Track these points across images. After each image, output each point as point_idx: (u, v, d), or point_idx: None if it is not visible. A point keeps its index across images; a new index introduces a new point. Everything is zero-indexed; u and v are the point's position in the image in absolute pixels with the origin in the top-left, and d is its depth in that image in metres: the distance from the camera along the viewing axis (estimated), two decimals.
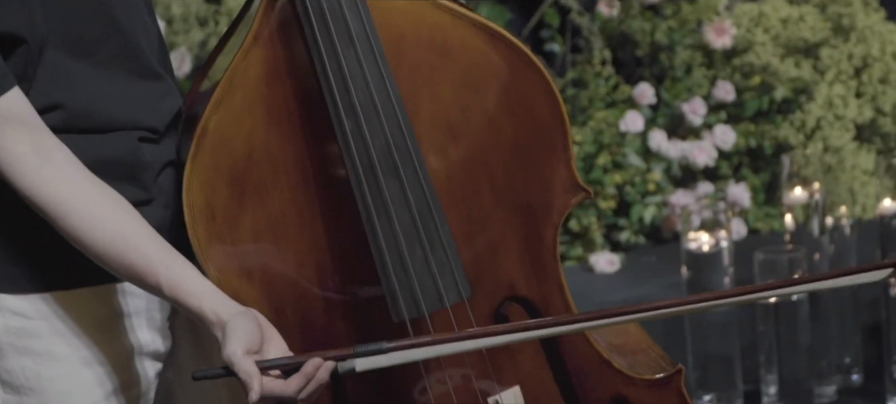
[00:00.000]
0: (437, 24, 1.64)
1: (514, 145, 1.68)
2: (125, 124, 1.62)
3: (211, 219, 1.59)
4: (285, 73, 1.60)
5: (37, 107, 1.56)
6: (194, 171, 1.58)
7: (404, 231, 1.61)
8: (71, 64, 1.58)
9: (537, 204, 1.70)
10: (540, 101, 1.68)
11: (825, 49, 3.78)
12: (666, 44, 3.78)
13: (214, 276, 1.58)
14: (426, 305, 1.61)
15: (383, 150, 1.60)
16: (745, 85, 3.78)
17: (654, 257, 3.61)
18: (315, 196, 1.62)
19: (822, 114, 3.71)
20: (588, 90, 3.76)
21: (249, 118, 1.60)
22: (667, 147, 3.68)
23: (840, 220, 3.23)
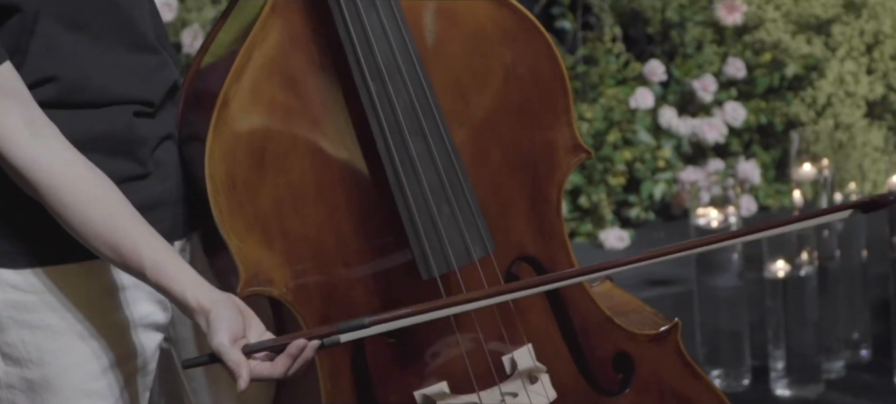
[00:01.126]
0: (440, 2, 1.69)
1: (519, 108, 1.73)
2: (120, 98, 1.62)
3: (232, 189, 1.60)
4: (302, 42, 1.63)
5: (30, 81, 1.57)
6: (216, 142, 1.59)
7: (432, 188, 1.64)
8: (64, 37, 1.58)
9: (542, 164, 1.74)
10: (542, 65, 1.73)
11: (837, 25, 3.77)
12: (677, 21, 3.78)
13: (236, 246, 1.60)
14: (455, 260, 1.65)
15: (408, 110, 1.64)
16: (756, 62, 3.78)
17: (664, 233, 3.62)
18: (335, 163, 1.65)
19: (833, 90, 3.71)
20: (599, 67, 3.76)
21: (269, 88, 1.62)
22: (677, 124, 3.69)
23: (849, 197, 3.23)
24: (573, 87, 3.77)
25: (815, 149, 3.24)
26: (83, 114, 1.61)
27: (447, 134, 1.66)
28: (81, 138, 1.59)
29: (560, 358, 1.75)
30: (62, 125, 1.59)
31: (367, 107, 1.63)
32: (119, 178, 1.62)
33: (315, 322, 1.66)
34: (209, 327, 1.52)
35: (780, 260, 3.09)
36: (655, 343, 1.79)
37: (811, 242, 3.08)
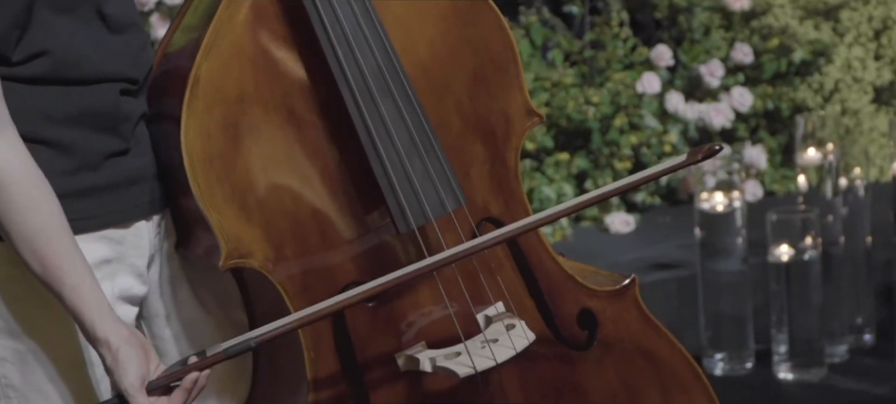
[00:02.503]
0: None
1: (474, 75, 1.82)
2: (108, 76, 1.65)
3: (209, 164, 1.64)
4: (269, 18, 1.69)
5: (26, 54, 1.59)
6: (190, 118, 1.64)
7: (404, 145, 1.72)
8: (55, 19, 1.60)
9: (499, 129, 1.84)
10: (493, 35, 1.83)
11: (845, 11, 3.77)
12: (684, 6, 3.79)
13: (216, 220, 1.64)
14: (431, 212, 1.73)
15: (375, 73, 1.71)
16: (764, 47, 3.79)
17: (669, 218, 3.63)
18: (306, 134, 1.70)
19: (840, 76, 3.71)
20: (606, 52, 3.77)
21: (237, 63, 1.67)
22: (684, 109, 3.69)
23: (854, 182, 3.23)
24: (580, 72, 3.77)
25: (821, 135, 3.24)
26: (74, 91, 1.64)
27: (414, 93, 1.74)
28: (72, 113, 1.62)
29: (529, 316, 1.81)
30: (53, 100, 1.62)
31: (336, 73, 1.69)
32: (103, 154, 1.66)
33: (296, 291, 1.69)
34: (117, 366, 1.57)
35: (783, 244, 3.10)
36: (616, 299, 1.86)
37: (815, 227, 3.09)
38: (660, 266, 3.34)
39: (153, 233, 1.72)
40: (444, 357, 1.73)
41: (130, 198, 1.68)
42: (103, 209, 1.66)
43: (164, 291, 1.76)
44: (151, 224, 1.72)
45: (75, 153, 1.64)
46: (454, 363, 1.72)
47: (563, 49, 3.79)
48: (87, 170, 1.65)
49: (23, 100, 1.61)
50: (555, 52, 3.78)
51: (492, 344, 1.74)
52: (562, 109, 3.63)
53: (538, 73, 3.71)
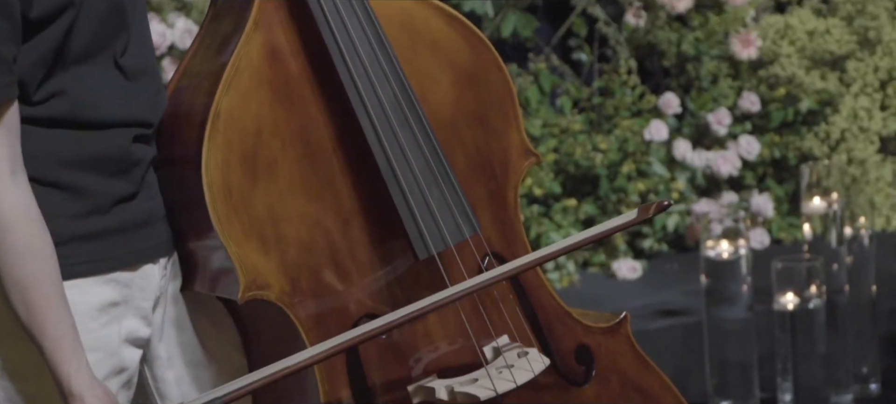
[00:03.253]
0: (405, 7, 1.84)
1: (476, 114, 1.87)
2: (123, 120, 1.68)
3: (228, 196, 1.68)
4: (286, 53, 1.74)
5: (47, 93, 1.63)
6: (211, 151, 1.67)
7: (422, 173, 1.77)
8: (75, 65, 1.64)
9: (499, 167, 1.89)
10: (493, 76, 1.89)
11: (851, 61, 3.80)
12: (692, 54, 3.82)
13: (234, 252, 1.67)
14: (450, 237, 1.78)
15: (393, 103, 1.76)
16: (771, 96, 3.81)
17: (677, 265, 3.65)
18: (322, 166, 1.75)
19: (846, 126, 3.74)
20: (614, 99, 3.80)
21: (256, 98, 1.71)
22: (691, 156, 3.71)
23: (859, 231, 3.25)
24: (589, 118, 3.80)
25: (826, 184, 3.26)
26: (88, 136, 1.67)
27: (429, 124, 1.78)
28: (85, 157, 1.66)
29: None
30: (68, 144, 1.65)
31: (356, 104, 1.74)
32: (114, 198, 1.69)
33: (310, 324, 1.73)
34: None
35: (789, 292, 3.11)
36: (609, 335, 1.91)
37: (820, 275, 3.10)
38: (666, 313, 3.35)
39: (159, 275, 1.75)
40: (460, 384, 1.77)
41: (139, 242, 1.71)
42: (112, 252, 1.69)
43: (167, 334, 1.78)
44: (158, 266, 1.74)
45: (87, 197, 1.67)
46: (475, 387, 1.76)
47: (571, 96, 3.83)
48: (98, 213, 1.68)
49: (39, 143, 1.65)
50: (563, 99, 3.81)
51: (510, 369, 1.78)
52: (570, 156, 3.66)
53: (547, 119, 3.74)
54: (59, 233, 1.65)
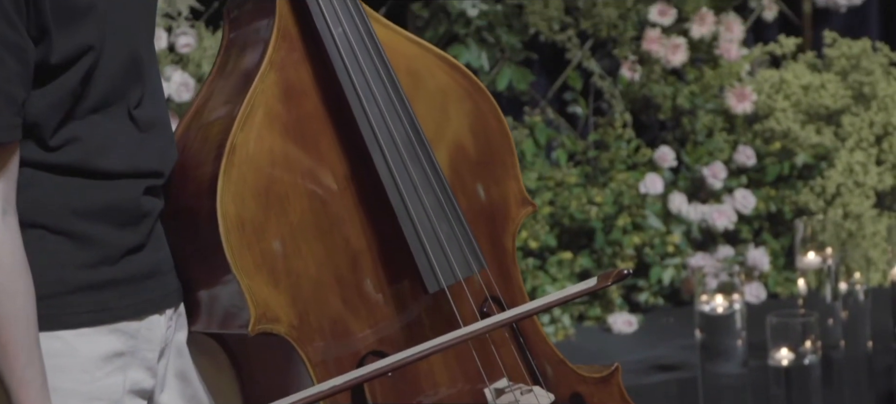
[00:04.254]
0: (411, 55, 1.89)
1: (476, 161, 1.92)
2: (134, 170, 1.70)
3: (241, 229, 1.71)
4: (299, 93, 1.79)
5: (62, 139, 1.64)
6: (226, 185, 1.71)
7: (433, 209, 1.82)
8: (91, 114, 1.65)
9: (498, 214, 1.94)
10: (492, 125, 1.94)
11: (846, 116, 3.81)
12: (688, 108, 3.82)
13: (246, 285, 1.70)
14: (459, 271, 1.82)
15: (405, 140, 1.82)
16: (766, 150, 3.82)
17: (673, 319, 3.63)
18: (333, 202, 1.79)
19: (842, 180, 3.74)
20: (609, 152, 3.80)
21: (270, 134, 1.76)
22: (687, 210, 3.71)
23: (855, 287, 3.24)
24: (584, 171, 3.80)
25: (821, 239, 3.25)
26: (99, 185, 1.68)
27: (437, 161, 1.84)
28: (96, 207, 1.67)
29: None
30: (79, 194, 1.67)
31: (370, 141, 1.80)
32: (123, 249, 1.69)
33: (317, 359, 1.75)
34: None
35: (783, 348, 3.10)
36: (602, 384, 1.95)
37: (815, 331, 3.09)
38: (662, 367, 3.34)
39: (165, 326, 1.75)
40: None
41: (145, 292, 1.72)
42: (119, 302, 1.70)
43: (171, 385, 1.78)
44: (164, 317, 1.75)
45: (96, 247, 1.68)
46: None
47: (567, 149, 3.83)
48: (106, 263, 1.69)
49: (51, 191, 1.66)
50: (559, 152, 3.82)
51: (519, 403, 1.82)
52: (565, 209, 3.66)
53: (542, 172, 3.74)
54: (67, 282, 1.66)
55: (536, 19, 3.77)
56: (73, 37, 1.62)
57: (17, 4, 1.57)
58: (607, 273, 1.72)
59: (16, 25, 1.57)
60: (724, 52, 3.83)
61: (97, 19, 1.64)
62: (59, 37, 1.61)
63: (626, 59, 3.81)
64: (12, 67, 1.57)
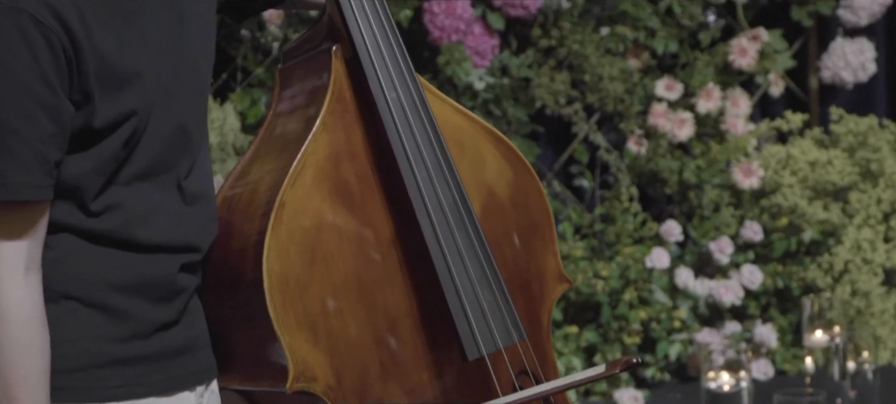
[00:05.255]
0: (457, 125, 1.92)
1: (517, 234, 1.94)
2: (174, 244, 1.70)
3: (285, 286, 1.73)
4: (349, 154, 1.82)
5: (103, 205, 1.64)
6: (273, 240, 1.73)
7: (477, 276, 1.84)
8: (136, 181, 1.66)
9: (535, 288, 1.95)
10: (534, 199, 1.97)
11: (854, 193, 3.79)
12: (694, 182, 3.82)
13: (287, 342, 1.70)
14: (500, 340, 1.84)
15: (452, 207, 1.85)
16: (773, 226, 3.80)
17: (679, 395, 3.60)
18: (376, 265, 1.81)
19: (850, 257, 3.72)
20: (616, 226, 3.79)
21: (318, 194, 1.78)
22: (694, 285, 3.69)
23: (863, 365, 3.21)
24: (590, 245, 3.79)
25: (829, 316, 3.23)
26: (136, 259, 1.68)
27: (482, 231, 1.86)
28: (131, 282, 1.67)
29: None
30: (116, 267, 1.66)
31: (418, 205, 1.82)
32: (156, 324, 1.70)
33: None
34: None
35: None
36: None
37: None
38: None
39: (195, 403, 1.74)
40: None
41: (176, 369, 1.71)
42: (149, 378, 1.69)
43: None
44: (194, 394, 1.74)
45: (129, 321, 1.68)
46: None
47: (573, 222, 3.82)
48: (138, 338, 1.68)
49: (88, 263, 1.65)
50: (565, 225, 3.80)
51: None
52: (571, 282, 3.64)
53: None
54: (98, 356, 1.65)
55: (543, 93, 3.78)
56: (117, 102, 1.62)
57: (59, 67, 1.58)
58: (617, 361, 1.72)
59: (54, 86, 1.57)
60: (730, 127, 3.83)
61: (143, 86, 1.64)
62: (102, 102, 1.61)
63: (632, 133, 3.81)
64: (47, 128, 1.57)
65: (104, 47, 1.61)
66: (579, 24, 3.80)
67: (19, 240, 1.59)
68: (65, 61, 1.57)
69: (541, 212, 1.95)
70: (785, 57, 3.94)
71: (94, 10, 1.61)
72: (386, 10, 1.81)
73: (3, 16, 1.54)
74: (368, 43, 1.80)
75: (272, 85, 3.63)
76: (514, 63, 3.78)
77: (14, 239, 1.58)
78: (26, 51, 1.54)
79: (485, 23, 3.72)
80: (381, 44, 1.81)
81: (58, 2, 1.58)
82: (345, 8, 1.80)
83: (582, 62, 3.78)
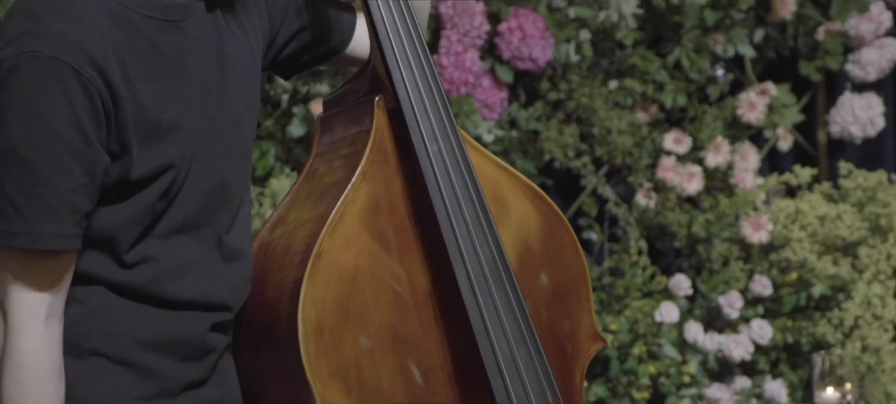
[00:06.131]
0: (496, 178, 1.91)
1: (552, 291, 1.92)
2: (206, 302, 1.69)
3: (319, 335, 1.72)
4: (388, 206, 1.82)
5: (138, 257, 1.63)
6: (309, 289, 1.72)
7: (513, 334, 1.83)
8: (174, 234, 1.66)
9: (568, 346, 1.94)
10: (571, 258, 1.95)
11: (863, 248, 3.78)
12: (703, 236, 3.81)
13: (319, 391, 1.70)
14: (534, 398, 1.83)
15: (490, 262, 1.83)
16: (783, 280, 3.79)
17: None
18: (411, 317, 1.80)
19: (860, 313, 3.70)
20: (624, 279, 3.77)
21: (356, 244, 1.78)
22: (703, 339, 3.68)
23: None
24: (598, 299, 3.77)
25: (840, 373, 3.21)
26: (167, 316, 1.66)
27: (519, 287, 1.85)
28: (161, 340, 1.66)
29: None
30: (146, 325, 1.65)
31: (455, 260, 1.80)
32: (183, 384, 1.69)
33: None
34: None
35: None
36: None
37: None
38: None
39: None
40: None
41: None
42: None
43: None
44: None
45: (157, 379, 1.66)
46: None
47: None
48: (166, 396, 1.67)
49: (118, 320, 1.64)
50: None
51: None
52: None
53: None
54: None
55: (551, 146, 3.77)
56: (155, 154, 1.62)
57: (97, 117, 1.57)
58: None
59: (89, 137, 1.57)
60: (739, 181, 3.82)
61: (182, 138, 1.64)
62: (141, 153, 1.61)
63: (641, 187, 3.81)
64: (79, 178, 1.57)
65: (145, 99, 1.61)
66: (588, 78, 3.80)
67: (42, 289, 1.58)
68: (103, 112, 1.57)
69: (577, 269, 1.94)
70: (793, 111, 3.94)
71: (136, 61, 1.61)
72: (430, 62, 1.82)
73: (44, 66, 1.55)
74: (412, 95, 1.81)
75: (281, 137, 3.63)
76: (522, 116, 3.78)
77: (37, 287, 1.58)
78: (64, 101, 1.55)
79: (494, 76, 3.72)
80: (425, 96, 1.82)
81: (99, 53, 1.58)
82: (389, 59, 1.80)
83: (590, 115, 3.78)
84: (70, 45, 1.56)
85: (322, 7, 1.89)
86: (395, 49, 1.80)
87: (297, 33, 1.87)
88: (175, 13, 1.66)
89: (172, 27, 1.65)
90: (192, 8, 1.68)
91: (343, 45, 1.91)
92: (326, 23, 1.89)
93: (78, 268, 1.62)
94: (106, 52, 1.58)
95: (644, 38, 3.85)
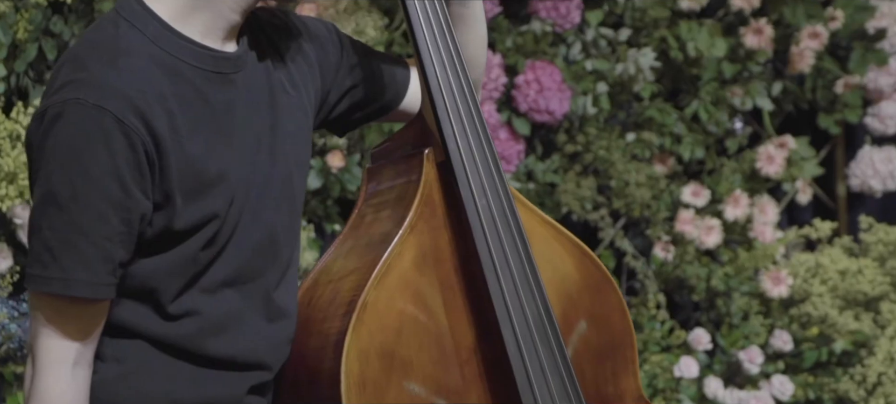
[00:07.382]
0: (544, 236, 1.89)
1: (597, 352, 1.90)
2: (246, 360, 1.66)
3: (362, 388, 1.71)
4: (435, 259, 1.80)
5: (182, 310, 1.62)
6: (353, 341, 1.70)
7: (558, 393, 1.82)
8: (221, 287, 1.64)
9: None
10: (616, 317, 1.93)
11: (885, 303, 3.75)
12: (722, 290, 3.77)
13: None
14: None
15: (537, 320, 1.81)
16: (804, 335, 3.75)
17: None
18: (455, 372, 1.78)
19: (883, 369, 3.66)
20: (643, 333, 3.73)
21: (401, 297, 1.76)
22: (723, 395, 3.63)
23: None
24: None
25: None
26: (205, 375, 1.64)
27: (566, 347, 1.83)
28: (196, 401, 1.63)
29: None
30: (183, 384, 1.63)
31: (502, 317, 1.78)
32: None
33: None
34: None
35: None
36: None
37: None
38: None
39: None
40: None
41: None
42: None
43: None
44: None
45: None
46: None
47: None
48: None
49: (156, 380, 1.63)
50: None
51: None
52: None
53: None
54: None
55: (569, 198, 3.74)
56: (200, 205, 1.60)
57: (139, 166, 1.56)
58: None
59: (128, 187, 1.56)
60: (758, 235, 3.79)
61: (226, 189, 1.62)
62: (185, 204, 1.59)
63: (659, 240, 3.77)
64: (116, 227, 1.56)
65: (191, 150, 1.60)
66: (605, 130, 3.78)
67: (72, 335, 1.57)
68: (147, 162, 1.57)
69: (623, 330, 1.92)
70: (812, 164, 3.91)
71: (183, 111, 1.60)
72: (481, 117, 1.80)
73: (87, 114, 1.55)
74: (462, 148, 1.79)
75: None
76: (539, 168, 3.75)
77: (66, 334, 1.57)
78: (104, 149, 1.54)
79: (511, 128, 3.70)
80: (475, 150, 1.80)
81: (144, 102, 1.57)
82: (440, 112, 1.79)
83: (608, 167, 3.75)
84: (115, 93, 1.56)
85: (376, 63, 1.88)
86: (447, 102, 1.78)
87: (350, 90, 1.86)
88: (226, 66, 1.65)
89: (223, 79, 1.64)
90: (244, 61, 1.68)
91: (397, 100, 1.90)
92: (380, 79, 1.88)
93: (120, 320, 1.61)
94: (152, 102, 1.58)
95: (661, 90, 3.83)
